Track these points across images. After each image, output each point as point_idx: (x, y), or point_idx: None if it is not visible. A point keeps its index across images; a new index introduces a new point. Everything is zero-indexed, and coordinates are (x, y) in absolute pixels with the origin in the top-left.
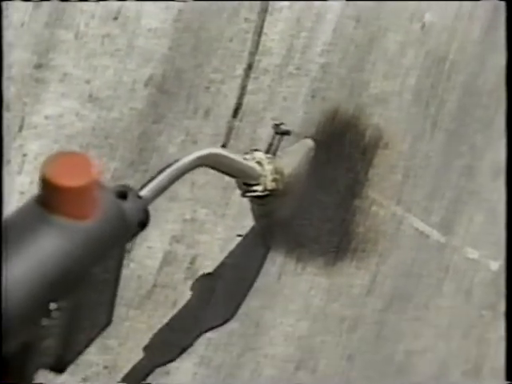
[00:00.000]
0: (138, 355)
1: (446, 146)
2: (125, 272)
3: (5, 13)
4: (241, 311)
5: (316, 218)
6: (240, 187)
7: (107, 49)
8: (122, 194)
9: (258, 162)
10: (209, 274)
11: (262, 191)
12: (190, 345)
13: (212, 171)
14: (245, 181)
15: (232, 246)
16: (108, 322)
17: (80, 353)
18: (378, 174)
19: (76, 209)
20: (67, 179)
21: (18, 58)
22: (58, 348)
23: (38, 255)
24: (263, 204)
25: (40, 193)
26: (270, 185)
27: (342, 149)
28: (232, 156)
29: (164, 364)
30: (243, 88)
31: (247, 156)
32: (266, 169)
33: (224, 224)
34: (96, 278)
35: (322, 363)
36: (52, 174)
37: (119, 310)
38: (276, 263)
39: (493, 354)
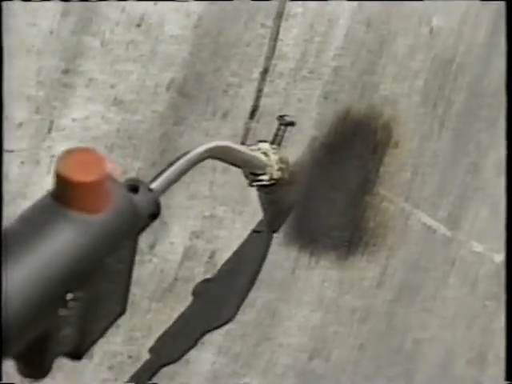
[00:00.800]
0: (161, 346)
1: (452, 144)
2: (148, 266)
3: (34, 20)
4: (258, 303)
5: (329, 214)
6: (247, 177)
7: (131, 55)
8: (133, 188)
9: (264, 153)
10: (226, 268)
11: (269, 180)
12: (209, 335)
13: (232, 170)
14: (252, 171)
15: (250, 241)
16: (122, 311)
17: (96, 340)
18: (388, 171)
19: (89, 203)
20: (80, 174)
21: (46, 63)
22: (75, 336)
23: (53, 248)
24: (270, 192)
25: (54, 188)
26: (276, 174)
27: (354, 148)
28: (239, 148)
29: (184, 353)
30: (260, 91)
31: (253, 147)
32: (271, 159)
33: (242, 220)
34: (110, 268)
35: (335, 352)
36: (66, 169)
37: (143, 303)
38: (290, 258)
39: (497, 342)
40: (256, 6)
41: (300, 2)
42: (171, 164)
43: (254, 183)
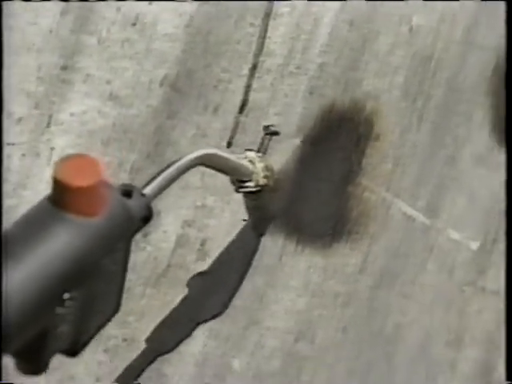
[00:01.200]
0: (154, 329)
1: (431, 137)
2: (142, 254)
3: (34, 20)
4: (246, 288)
5: (314, 204)
6: (234, 184)
7: (127, 52)
8: (127, 193)
9: (250, 161)
10: (217, 254)
11: (254, 187)
12: (201, 319)
13: None
14: (238, 178)
15: (238, 229)
16: (116, 310)
17: (92, 338)
18: (370, 163)
19: (85, 206)
20: (77, 179)
21: (46, 60)
22: (71, 334)
23: (51, 249)
24: (255, 199)
25: (52, 192)
26: (262, 181)
27: (338, 141)
28: (226, 155)
29: (177, 336)
30: (249, 86)
31: (240, 155)
32: (257, 166)
33: (230, 209)
34: (105, 269)
35: (319, 335)
36: (63, 174)
37: (137, 289)
38: (278, 245)
39: (473, 325)
40: (245, 6)
41: (287, 2)
42: (163, 170)
43: (241, 190)
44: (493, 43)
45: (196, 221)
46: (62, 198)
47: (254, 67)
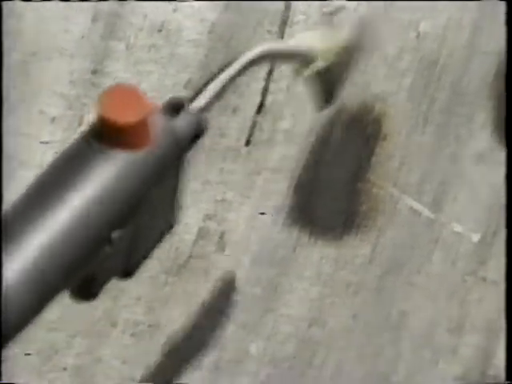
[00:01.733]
0: (177, 315)
1: (435, 137)
2: (165, 245)
3: (67, 27)
4: (262, 278)
5: (326, 199)
6: (298, 70)
7: (152, 57)
8: (175, 109)
9: (313, 40)
10: (235, 246)
11: (321, 66)
12: (220, 306)
13: (240, 158)
14: (302, 61)
15: (255, 222)
16: (172, 225)
17: (146, 257)
18: (378, 161)
19: (132, 142)
20: (123, 116)
21: (78, 65)
22: (123, 262)
23: (98, 189)
24: (322, 77)
25: (96, 129)
26: (327, 58)
27: (348, 140)
28: (286, 45)
29: (198, 322)
30: (266, 89)
31: (302, 35)
32: (321, 44)
33: (249, 204)
34: (155, 198)
35: (331, 322)
36: (108, 111)
37: (161, 277)
38: (292, 237)
39: (473, 313)
40: (263, 15)
41: (303, 11)
42: (213, 78)
43: (306, 72)
44: (495, 49)
45: (216, 214)
46: (107, 134)
47: (271, 71)
